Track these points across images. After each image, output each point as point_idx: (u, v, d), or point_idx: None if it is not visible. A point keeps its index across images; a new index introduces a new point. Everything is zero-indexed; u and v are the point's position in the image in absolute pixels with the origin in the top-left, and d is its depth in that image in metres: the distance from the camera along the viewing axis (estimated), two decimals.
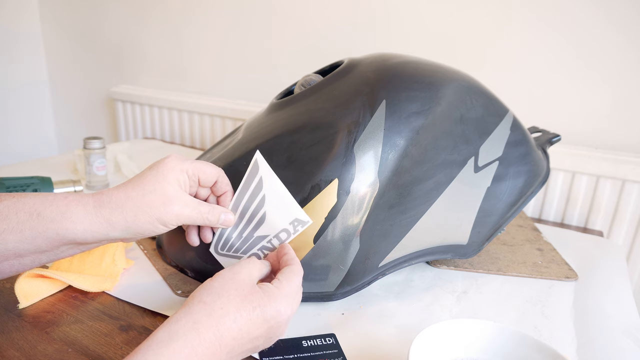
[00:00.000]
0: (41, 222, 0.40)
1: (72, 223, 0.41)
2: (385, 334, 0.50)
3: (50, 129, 1.77)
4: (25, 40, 1.63)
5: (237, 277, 0.40)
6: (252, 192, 0.49)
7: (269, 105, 0.63)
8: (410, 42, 1.00)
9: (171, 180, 0.44)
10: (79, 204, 0.42)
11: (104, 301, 0.53)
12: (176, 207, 0.44)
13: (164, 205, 0.43)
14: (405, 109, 0.54)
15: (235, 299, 0.38)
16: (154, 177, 0.44)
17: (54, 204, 0.41)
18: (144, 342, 0.34)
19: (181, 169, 0.46)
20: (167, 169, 0.45)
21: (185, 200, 0.45)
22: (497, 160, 0.60)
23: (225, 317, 0.37)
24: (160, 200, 0.43)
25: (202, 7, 1.27)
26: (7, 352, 0.43)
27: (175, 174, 0.45)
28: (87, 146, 0.87)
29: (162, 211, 0.43)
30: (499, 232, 0.61)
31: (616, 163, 0.81)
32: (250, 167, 0.49)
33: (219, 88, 1.31)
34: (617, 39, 0.82)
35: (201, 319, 0.36)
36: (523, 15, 0.88)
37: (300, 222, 0.48)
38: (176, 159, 0.46)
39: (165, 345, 0.34)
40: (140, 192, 0.43)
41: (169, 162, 0.46)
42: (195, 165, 0.47)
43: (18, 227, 0.39)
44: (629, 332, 0.51)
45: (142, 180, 0.44)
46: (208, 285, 0.39)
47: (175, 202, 0.44)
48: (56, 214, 0.40)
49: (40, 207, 0.40)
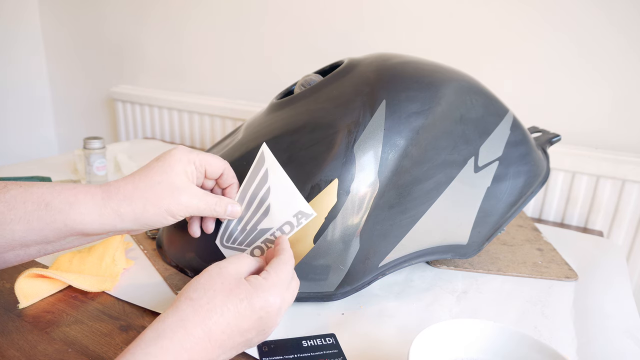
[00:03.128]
0: (49, 213, 0.40)
1: (80, 214, 0.41)
2: (385, 334, 0.50)
3: (50, 129, 1.77)
4: (25, 40, 1.63)
5: (223, 272, 0.40)
6: (258, 183, 0.50)
7: (269, 105, 0.63)
8: (411, 42, 1.00)
9: (179, 171, 0.45)
10: (87, 194, 0.41)
11: (104, 301, 0.53)
12: (184, 198, 0.44)
13: (172, 196, 0.43)
14: (405, 109, 0.54)
15: (222, 293, 0.38)
16: (161, 168, 0.44)
17: (62, 194, 0.41)
18: (134, 341, 0.34)
19: (188, 159, 0.46)
20: (175, 160, 0.45)
21: (193, 191, 0.45)
22: (497, 160, 0.60)
23: (212, 311, 0.37)
24: (168, 191, 0.43)
25: (202, 7, 1.27)
26: (7, 352, 0.43)
27: (183, 165, 0.45)
28: (87, 146, 0.87)
29: (170, 202, 0.43)
30: (499, 232, 0.61)
31: (616, 163, 0.81)
32: (257, 159, 0.50)
33: (219, 88, 1.31)
34: (618, 39, 0.82)
35: (188, 316, 0.36)
36: (523, 15, 0.88)
37: (304, 215, 0.49)
38: (183, 150, 0.47)
39: (153, 343, 0.34)
40: (148, 184, 0.43)
41: (176, 153, 0.46)
42: (202, 157, 0.47)
43: (25, 217, 0.39)
44: (629, 332, 0.51)
45: (149, 171, 0.44)
46: (194, 282, 0.39)
47: (183, 193, 0.44)
48: (64, 205, 0.40)
49: (48, 197, 0.40)
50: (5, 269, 0.58)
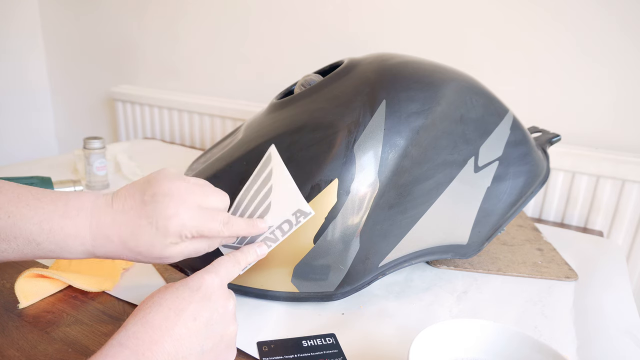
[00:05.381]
0: (41, 250, 0.40)
1: (70, 254, 0.41)
2: (385, 334, 0.50)
3: (50, 129, 1.77)
4: (25, 40, 1.63)
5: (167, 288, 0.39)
6: (261, 183, 0.50)
7: (269, 105, 0.63)
8: (410, 42, 1.00)
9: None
10: (76, 240, 0.40)
11: (104, 301, 0.53)
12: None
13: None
14: (405, 109, 0.54)
15: (158, 292, 0.38)
16: (150, 238, 0.41)
17: (50, 236, 0.39)
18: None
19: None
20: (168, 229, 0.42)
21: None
22: (497, 160, 0.60)
23: (150, 307, 0.36)
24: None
25: (202, 7, 1.27)
26: (7, 352, 0.43)
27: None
28: (87, 146, 0.87)
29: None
30: (499, 232, 0.61)
31: (616, 163, 0.81)
32: (264, 160, 0.50)
33: (219, 88, 1.31)
34: (618, 39, 0.82)
35: (129, 321, 0.35)
36: (523, 15, 0.88)
37: (303, 214, 0.49)
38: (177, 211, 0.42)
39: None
40: (137, 250, 0.41)
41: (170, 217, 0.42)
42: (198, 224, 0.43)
43: (18, 249, 0.39)
44: (629, 332, 0.51)
45: (140, 235, 0.41)
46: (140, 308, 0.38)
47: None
48: (54, 247, 0.40)
49: (37, 238, 0.39)
50: (5, 269, 0.58)
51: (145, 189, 0.42)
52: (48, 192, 0.41)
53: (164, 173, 0.43)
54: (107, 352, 0.33)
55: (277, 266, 0.52)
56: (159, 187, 0.42)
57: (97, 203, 0.41)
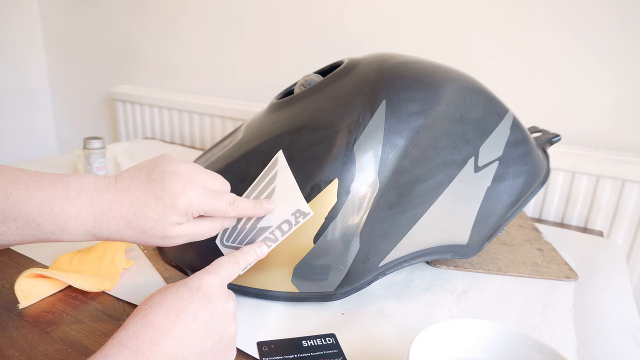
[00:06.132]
0: (41, 232, 0.40)
1: (72, 236, 0.41)
2: (385, 334, 0.50)
3: (50, 129, 1.77)
4: (25, 41, 1.63)
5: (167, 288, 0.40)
6: (265, 185, 0.50)
7: (269, 105, 0.63)
8: (410, 42, 1.00)
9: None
10: (77, 220, 0.40)
11: (104, 301, 0.53)
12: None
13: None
14: (405, 109, 0.54)
15: (159, 292, 0.38)
16: (156, 215, 0.42)
17: (50, 217, 0.39)
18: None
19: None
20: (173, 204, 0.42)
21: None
22: (497, 160, 0.60)
23: (150, 307, 0.36)
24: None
25: (202, 7, 1.27)
26: (7, 352, 0.43)
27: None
28: (87, 146, 0.87)
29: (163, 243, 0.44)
30: (499, 232, 0.61)
31: (616, 163, 0.81)
32: (270, 163, 0.51)
33: (219, 88, 1.31)
34: (619, 39, 0.82)
35: (129, 321, 0.36)
36: (523, 14, 0.88)
37: (302, 214, 0.49)
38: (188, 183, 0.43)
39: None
40: (140, 228, 0.42)
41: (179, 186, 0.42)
42: (205, 202, 0.44)
43: (18, 232, 0.39)
44: (629, 332, 0.51)
45: (145, 213, 0.41)
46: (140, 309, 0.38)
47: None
48: (55, 228, 0.40)
49: (37, 219, 0.39)
50: (5, 269, 0.58)
51: (152, 169, 0.42)
52: (48, 174, 0.41)
53: (168, 156, 0.44)
54: (107, 352, 0.33)
55: (277, 266, 0.52)
56: (167, 166, 0.42)
57: (99, 184, 0.41)
